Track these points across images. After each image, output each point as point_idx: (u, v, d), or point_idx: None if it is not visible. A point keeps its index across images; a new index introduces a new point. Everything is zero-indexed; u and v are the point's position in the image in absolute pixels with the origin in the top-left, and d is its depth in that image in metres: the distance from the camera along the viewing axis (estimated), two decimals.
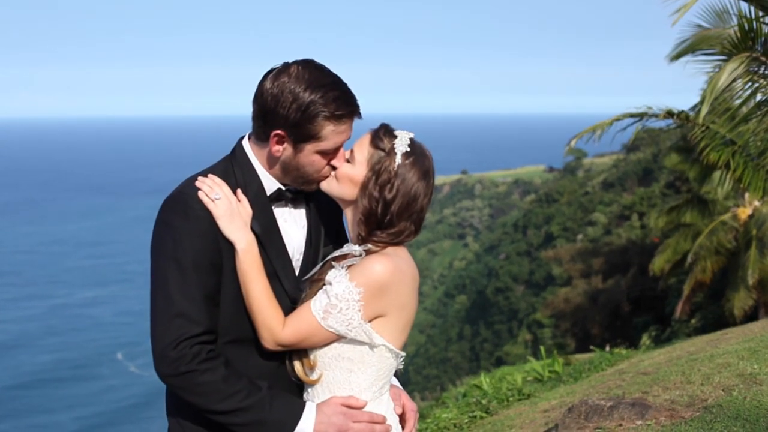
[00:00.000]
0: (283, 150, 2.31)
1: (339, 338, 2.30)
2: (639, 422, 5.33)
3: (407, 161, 2.30)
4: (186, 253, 2.22)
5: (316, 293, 2.32)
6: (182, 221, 2.24)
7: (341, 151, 2.33)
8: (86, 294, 62.16)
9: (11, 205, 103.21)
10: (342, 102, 2.26)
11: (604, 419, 5.45)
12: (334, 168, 2.36)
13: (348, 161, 2.33)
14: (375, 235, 2.31)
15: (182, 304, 2.19)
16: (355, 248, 2.33)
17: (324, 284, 2.31)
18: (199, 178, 2.33)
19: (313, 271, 2.38)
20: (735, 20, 9.44)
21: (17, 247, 77.53)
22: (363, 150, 2.32)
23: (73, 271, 69.16)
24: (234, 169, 2.36)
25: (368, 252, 2.31)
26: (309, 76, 2.25)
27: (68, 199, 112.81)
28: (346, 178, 2.33)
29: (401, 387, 2.55)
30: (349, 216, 2.40)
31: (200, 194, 2.28)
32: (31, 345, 49.95)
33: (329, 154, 2.31)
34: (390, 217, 2.30)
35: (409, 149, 2.30)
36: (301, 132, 2.26)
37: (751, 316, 15.83)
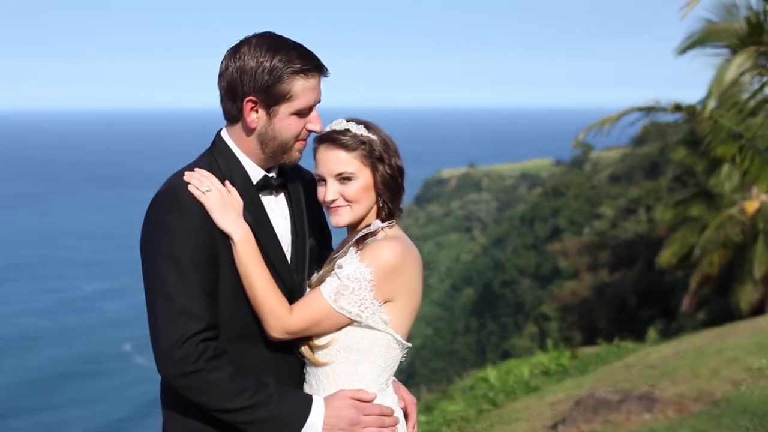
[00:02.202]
0: (258, 118, 2.28)
1: (348, 326, 2.29)
2: (647, 416, 5.33)
3: (372, 131, 2.34)
4: (182, 249, 2.17)
5: (325, 277, 2.32)
6: (175, 217, 2.20)
7: (315, 113, 2.32)
8: (94, 287, 61.92)
9: (17, 198, 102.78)
10: (306, 57, 2.27)
11: (611, 413, 5.46)
12: (308, 132, 2.33)
13: (346, 182, 2.32)
14: (399, 201, 2.38)
15: (183, 302, 2.15)
16: (378, 222, 2.35)
17: (334, 267, 2.31)
18: (187, 172, 2.29)
19: (336, 252, 2.38)
20: (744, 14, 9.39)
21: (23, 241, 77.20)
22: (348, 162, 2.31)
23: (81, 265, 68.94)
24: (217, 161, 2.34)
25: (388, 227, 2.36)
26: (268, 42, 2.26)
27: (75, 192, 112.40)
28: (361, 191, 2.32)
29: (398, 380, 2.52)
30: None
31: (190, 188, 2.24)
32: (40, 339, 49.54)
33: (304, 116, 2.29)
34: (402, 173, 2.38)
35: (362, 125, 2.35)
36: (272, 94, 2.24)
37: (757, 310, 15.80)
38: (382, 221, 2.36)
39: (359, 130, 2.32)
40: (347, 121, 2.35)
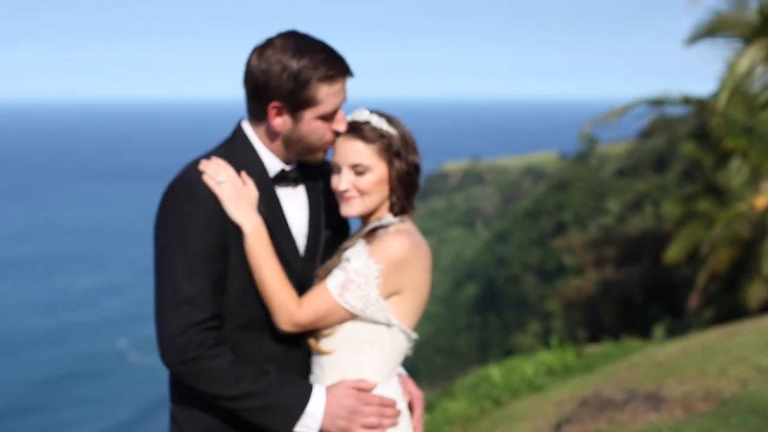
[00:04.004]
0: (283, 123, 2.29)
1: (353, 318, 2.30)
2: (653, 415, 5.25)
3: (393, 126, 2.36)
4: (193, 239, 2.21)
5: (333, 268, 2.33)
6: (188, 206, 2.23)
7: (340, 113, 2.32)
8: (90, 284, 61.40)
9: (10, 192, 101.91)
10: (332, 62, 2.26)
11: (617, 412, 5.38)
12: (334, 133, 2.33)
13: (361, 174, 2.33)
14: (412, 197, 2.41)
15: (189, 291, 2.18)
16: (390, 216, 2.37)
17: (342, 259, 2.33)
18: (203, 161, 2.31)
19: (346, 243, 2.39)
20: (754, 5, 9.25)
21: (17, 236, 76.44)
22: (365, 154, 2.33)
23: (76, 261, 68.38)
24: (236, 152, 2.35)
25: (401, 221, 2.38)
26: (294, 44, 2.25)
27: (71, 185, 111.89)
28: (374, 184, 2.34)
29: (407, 375, 2.52)
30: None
31: (205, 177, 2.26)
32: (35, 338, 48.86)
33: (329, 119, 2.30)
34: (419, 170, 2.41)
35: (384, 117, 2.36)
36: (298, 100, 2.25)
37: (766, 308, 15.69)
38: (394, 216, 2.38)
39: (380, 123, 2.34)
40: (370, 112, 2.37)
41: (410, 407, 2.46)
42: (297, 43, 2.25)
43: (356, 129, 2.33)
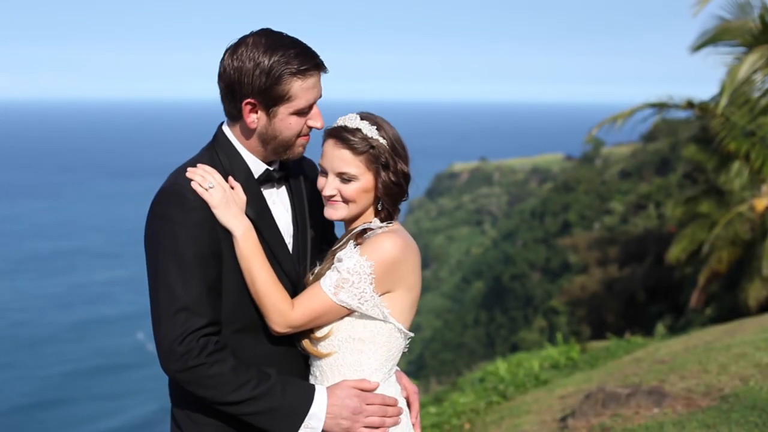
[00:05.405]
0: (258, 119, 2.29)
1: (349, 317, 2.31)
2: (656, 410, 5.36)
3: (383, 133, 2.33)
4: (185, 245, 2.20)
5: (325, 271, 2.33)
6: (178, 214, 2.22)
7: (315, 109, 2.32)
8: (109, 277, 61.20)
9: (32, 189, 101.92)
10: (303, 57, 2.25)
11: (621, 407, 5.49)
12: (310, 128, 2.33)
13: (347, 181, 2.32)
14: (398, 204, 2.38)
15: (185, 298, 2.17)
16: (377, 221, 2.37)
17: (334, 261, 2.33)
18: (189, 168, 2.30)
19: (334, 246, 2.38)
20: (757, 12, 9.39)
21: (40, 233, 76.23)
22: (352, 164, 2.31)
23: (97, 257, 68.16)
24: (219, 156, 2.35)
25: (388, 225, 2.36)
26: (266, 41, 2.25)
27: (88, 181, 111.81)
28: (359, 192, 2.33)
29: (399, 370, 2.54)
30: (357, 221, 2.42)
31: (193, 184, 2.25)
32: (57, 332, 48.52)
33: (305, 114, 2.30)
34: (408, 179, 2.37)
35: (374, 125, 2.33)
36: (271, 95, 2.24)
37: (765, 307, 15.72)
38: (381, 221, 2.37)
39: (370, 132, 2.31)
40: (361, 118, 2.33)
41: (408, 402, 2.48)
42: (269, 40, 2.24)
43: (345, 137, 2.30)
